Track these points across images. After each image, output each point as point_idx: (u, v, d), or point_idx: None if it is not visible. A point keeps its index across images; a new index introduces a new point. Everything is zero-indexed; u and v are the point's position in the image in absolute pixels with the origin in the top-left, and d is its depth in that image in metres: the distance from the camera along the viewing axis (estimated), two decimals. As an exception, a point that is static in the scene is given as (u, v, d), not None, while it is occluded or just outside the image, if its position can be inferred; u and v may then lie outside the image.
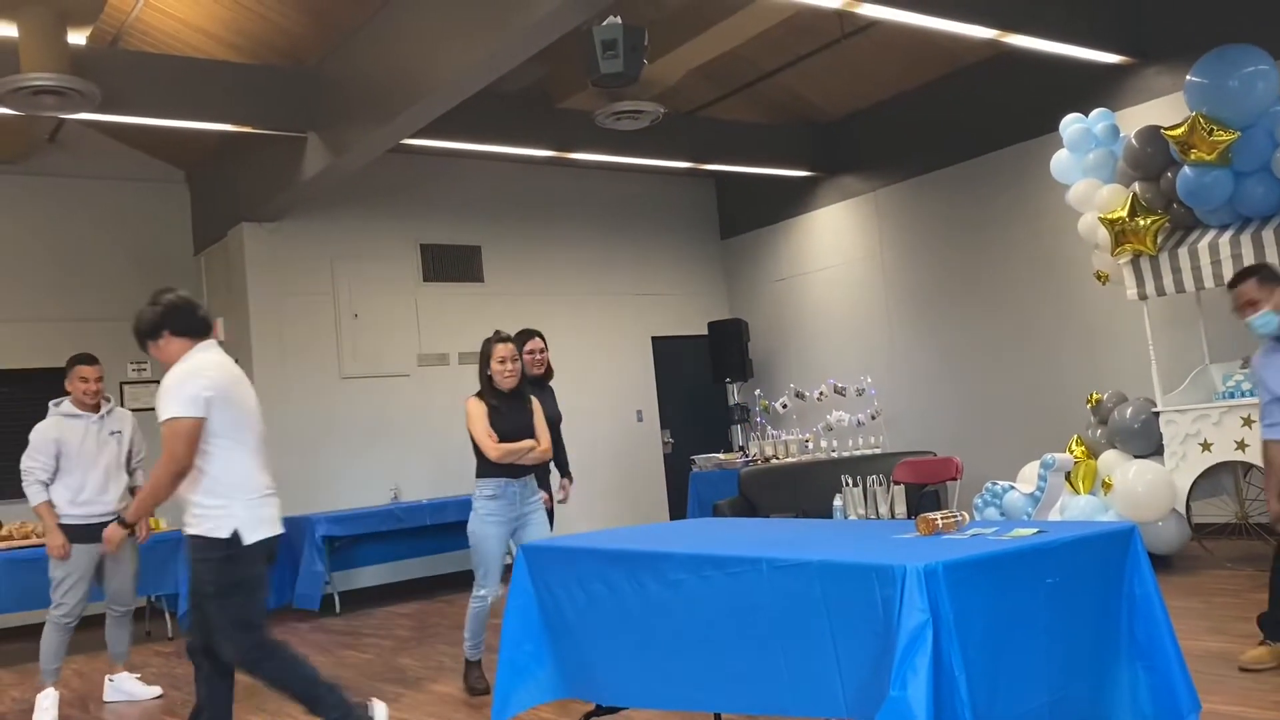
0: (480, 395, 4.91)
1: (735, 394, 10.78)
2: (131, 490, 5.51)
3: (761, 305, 10.85)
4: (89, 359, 5.49)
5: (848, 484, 6.92)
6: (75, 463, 5.33)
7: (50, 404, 5.49)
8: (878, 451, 8.48)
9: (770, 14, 6.89)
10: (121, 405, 8.92)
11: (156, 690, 5.70)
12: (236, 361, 9.54)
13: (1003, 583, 2.41)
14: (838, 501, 6.93)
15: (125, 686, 5.65)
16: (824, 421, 9.06)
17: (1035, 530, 2.68)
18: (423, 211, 9.48)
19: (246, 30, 7.35)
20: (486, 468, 4.84)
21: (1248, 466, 6.08)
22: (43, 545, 7.09)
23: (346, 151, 7.20)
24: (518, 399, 4.94)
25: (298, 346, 8.69)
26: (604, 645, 3.37)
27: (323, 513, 7.83)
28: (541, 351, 5.94)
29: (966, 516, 2.96)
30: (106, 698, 5.63)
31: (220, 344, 9.97)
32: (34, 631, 8.17)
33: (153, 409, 3.69)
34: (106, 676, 5.71)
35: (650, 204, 10.81)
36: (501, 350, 4.88)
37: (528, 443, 4.85)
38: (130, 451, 5.59)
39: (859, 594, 2.43)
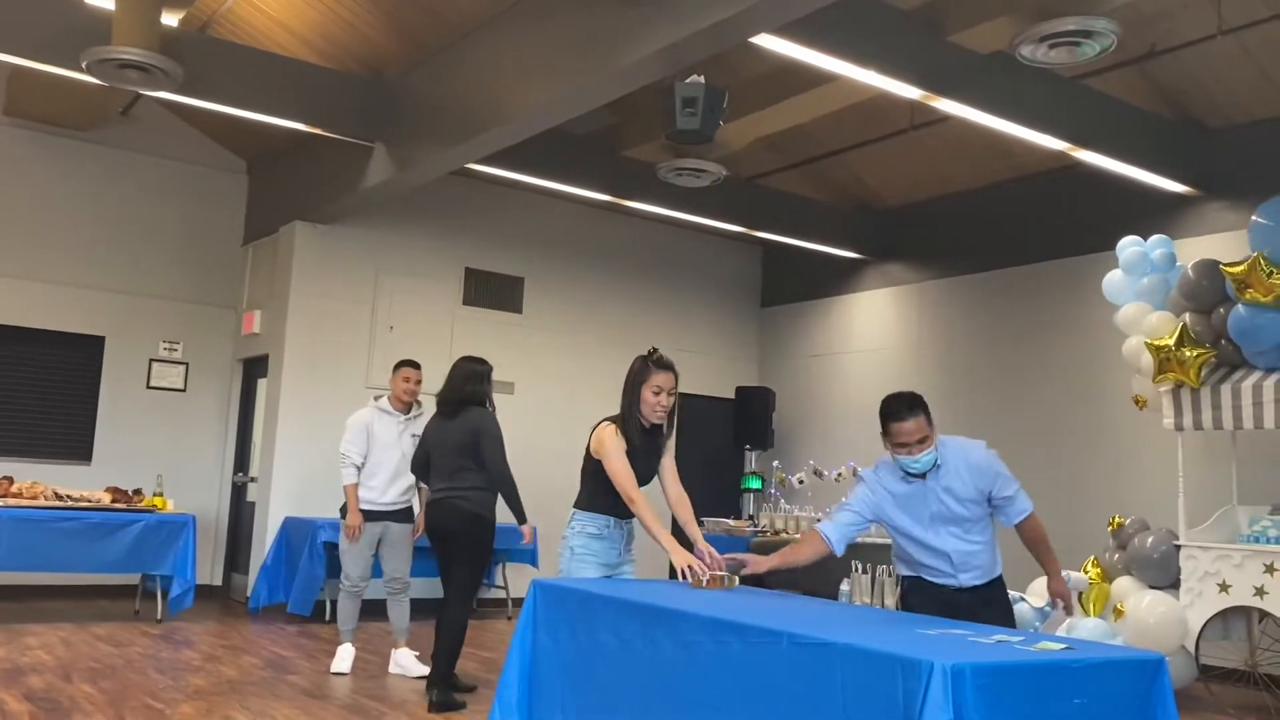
0: (618, 423, 4.11)
1: (753, 462, 10.73)
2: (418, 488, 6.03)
3: (792, 378, 10.83)
4: (414, 363, 6.16)
5: (857, 570, 6.83)
6: (376, 454, 5.92)
7: (373, 397, 6.31)
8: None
9: (844, 95, 6.95)
10: (148, 381, 9.08)
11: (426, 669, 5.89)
12: (266, 356, 9.61)
13: (1030, 695, 2.36)
14: (845, 587, 6.82)
15: (401, 661, 5.98)
16: (840, 503, 8.97)
17: (1064, 646, 2.63)
18: (472, 236, 9.55)
19: (331, 35, 7.48)
20: (595, 500, 4.10)
21: (1264, 614, 5.98)
22: (49, 508, 7.11)
23: (411, 167, 7.29)
24: (655, 438, 4.20)
25: (329, 350, 8.72)
26: (600, 696, 3.32)
27: (327, 518, 7.80)
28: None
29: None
30: (390, 669, 6.03)
31: (254, 336, 9.93)
32: (31, 592, 8.20)
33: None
34: (392, 650, 6.09)
35: (696, 262, 10.85)
36: (660, 379, 4.07)
37: None
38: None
39: (881, 684, 2.38)
